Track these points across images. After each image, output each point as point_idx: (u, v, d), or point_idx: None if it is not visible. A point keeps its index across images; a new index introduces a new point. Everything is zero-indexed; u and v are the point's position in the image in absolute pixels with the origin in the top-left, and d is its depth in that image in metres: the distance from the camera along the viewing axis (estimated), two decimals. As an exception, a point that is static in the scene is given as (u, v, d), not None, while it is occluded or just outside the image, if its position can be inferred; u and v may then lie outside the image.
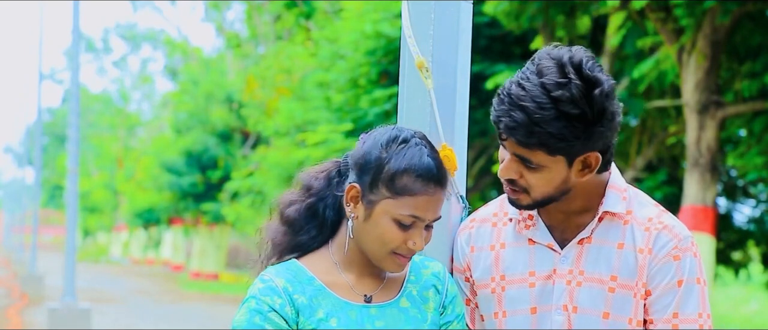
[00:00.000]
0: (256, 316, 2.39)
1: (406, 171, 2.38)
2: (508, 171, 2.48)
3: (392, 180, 2.39)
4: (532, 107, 2.36)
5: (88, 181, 50.41)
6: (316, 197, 2.49)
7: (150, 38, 57.56)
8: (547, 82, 2.37)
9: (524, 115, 2.37)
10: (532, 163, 2.44)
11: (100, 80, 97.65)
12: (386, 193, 2.39)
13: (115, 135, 50.56)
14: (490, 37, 13.05)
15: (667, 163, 13.85)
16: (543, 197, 2.49)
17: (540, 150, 2.40)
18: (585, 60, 2.40)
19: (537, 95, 2.37)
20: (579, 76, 2.38)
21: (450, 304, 2.54)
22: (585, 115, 2.37)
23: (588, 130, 2.39)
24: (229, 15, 35.43)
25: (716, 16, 9.84)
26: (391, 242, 2.40)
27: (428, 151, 2.42)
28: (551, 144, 2.39)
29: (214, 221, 32.07)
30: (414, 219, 2.39)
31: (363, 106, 13.33)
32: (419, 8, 2.68)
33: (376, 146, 2.42)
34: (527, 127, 2.37)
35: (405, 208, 2.38)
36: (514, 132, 2.39)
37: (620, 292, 2.51)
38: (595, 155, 2.46)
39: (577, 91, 2.36)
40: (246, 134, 30.56)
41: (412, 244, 2.40)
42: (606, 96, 2.39)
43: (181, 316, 20.29)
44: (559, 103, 2.36)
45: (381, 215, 2.40)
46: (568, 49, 2.44)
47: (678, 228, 2.53)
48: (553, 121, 2.36)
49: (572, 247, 2.55)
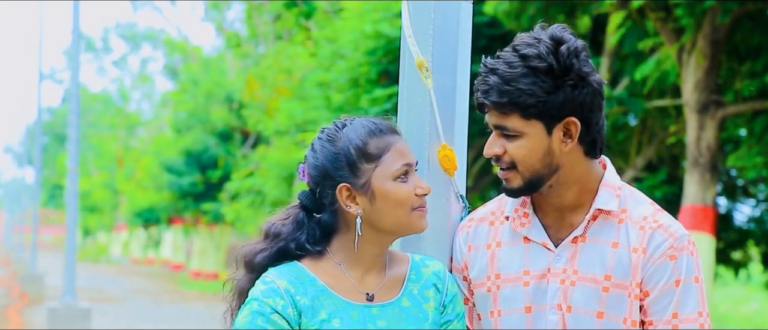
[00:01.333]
0: (258, 317, 2.40)
1: (369, 136, 2.46)
2: (491, 146, 2.52)
3: (365, 153, 2.45)
4: (503, 68, 2.47)
5: (88, 180, 50.41)
6: (287, 241, 2.50)
7: (150, 38, 57.59)
8: (518, 44, 2.50)
9: (496, 76, 2.47)
10: (509, 130, 2.48)
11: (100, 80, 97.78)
12: (369, 165, 2.44)
13: (115, 134, 50.56)
14: (490, 37, 13.05)
15: (667, 163, 13.84)
16: (531, 173, 2.50)
17: (514, 112, 2.46)
18: (558, 28, 2.50)
19: (507, 57, 2.49)
20: (549, 38, 2.48)
21: (450, 303, 2.54)
22: (551, 69, 2.45)
23: (557, 86, 2.45)
24: (229, 15, 35.45)
25: (716, 15, 9.84)
26: (406, 199, 2.44)
27: (362, 117, 2.52)
28: (522, 101, 2.44)
29: (214, 221, 32.07)
30: (406, 167, 2.45)
31: (363, 105, 13.33)
32: (419, 8, 2.69)
33: (326, 148, 2.47)
34: (499, 87, 2.46)
35: (393, 163, 2.45)
36: (488, 95, 2.48)
37: (614, 291, 2.50)
38: (573, 122, 2.47)
39: (544, 47, 2.46)
40: (246, 134, 30.56)
41: (419, 190, 2.46)
42: (573, 52, 2.47)
43: (181, 316, 20.29)
44: (527, 59, 2.45)
45: (381, 185, 2.44)
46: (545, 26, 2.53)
47: (674, 227, 2.52)
48: (522, 78, 2.45)
49: (566, 245, 2.55)
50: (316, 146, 2.49)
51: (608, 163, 2.60)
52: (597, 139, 2.52)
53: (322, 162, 2.46)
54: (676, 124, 12.41)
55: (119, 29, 60.17)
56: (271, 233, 2.51)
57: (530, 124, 2.47)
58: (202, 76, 32.20)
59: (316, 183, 2.48)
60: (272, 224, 2.53)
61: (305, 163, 2.51)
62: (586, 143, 2.51)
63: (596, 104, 2.50)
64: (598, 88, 2.50)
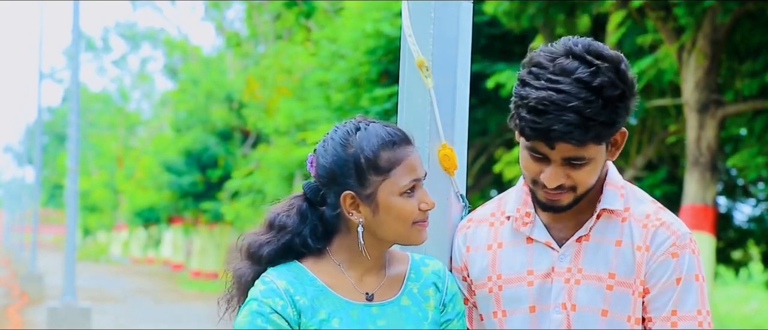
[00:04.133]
0: (258, 317, 2.39)
1: (381, 148, 2.41)
2: (557, 178, 2.45)
3: (375, 165, 2.41)
4: (581, 105, 2.36)
5: (88, 180, 50.41)
6: (292, 234, 2.48)
7: (150, 37, 57.58)
8: (582, 75, 2.38)
9: (576, 115, 2.36)
10: (584, 159, 2.43)
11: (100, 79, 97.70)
12: (378, 178, 2.41)
13: (115, 134, 50.57)
14: (490, 37, 13.05)
15: (667, 162, 13.84)
16: (586, 190, 2.49)
17: (592, 143, 2.41)
18: (587, 43, 2.44)
19: (579, 92, 2.37)
20: (600, 58, 2.40)
21: (450, 302, 2.54)
22: (624, 93, 2.41)
23: (628, 106, 2.43)
24: (229, 14, 35.43)
25: (716, 15, 9.84)
26: (410, 215, 2.42)
27: (378, 123, 2.45)
28: (602, 133, 2.40)
29: (214, 220, 32.07)
30: (414, 182, 2.42)
31: (363, 105, 13.33)
32: (419, 7, 2.68)
33: (337, 151, 2.43)
34: (582, 126, 2.37)
35: (402, 178, 2.41)
36: (569, 136, 2.37)
37: (618, 289, 2.50)
38: (621, 132, 2.48)
39: (609, 72, 2.39)
40: (246, 133, 30.56)
41: (423, 206, 2.44)
42: (628, 66, 2.44)
43: (181, 315, 20.29)
44: (602, 90, 2.37)
45: (387, 199, 2.41)
46: (562, 43, 2.45)
47: (676, 225, 2.52)
48: (602, 111, 2.37)
49: (570, 245, 2.54)
50: (328, 146, 2.45)
51: (610, 163, 2.60)
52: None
53: (331, 165, 2.44)
54: (677, 124, 12.41)
55: (119, 29, 60.18)
56: (275, 224, 2.48)
57: (600, 149, 2.45)
58: (202, 75, 32.20)
59: (323, 183, 2.46)
60: (277, 215, 2.50)
61: (315, 156, 2.48)
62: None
63: None
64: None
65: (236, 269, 2.49)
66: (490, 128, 13.97)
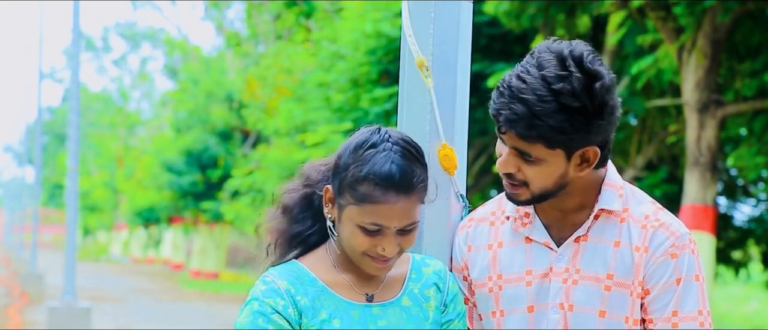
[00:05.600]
0: (259, 317, 2.39)
1: (366, 179, 2.35)
2: (507, 165, 2.47)
3: (353, 187, 2.37)
4: (532, 100, 2.36)
5: (88, 179, 50.38)
6: (312, 188, 2.49)
7: (150, 37, 57.57)
8: (548, 74, 2.37)
9: (525, 107, 2.36)
10: (531, 157, 2.43)
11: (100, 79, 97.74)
12: (350, 199, 2.38)
13: (115, 134, 50.55)
14: (490, 36, 13.05)
15: (667, 162, 13.85)
16: (541, 191, 2.48)
17: (539, 143, 2.40)
18: (586, 54, 2.41)
19: (538, 88, 2.36)
20: (580, 70, 2.37)
21: (451, 302, 2.54)
22: (585, 109, 2.37)
23: (588, 123, 2.38)
24: (229, 14, 35.43)
25: (716, 14, 9.83)
26: (359, 247, 2.39)
27: (396, 158, 2.36)
28: (551, 137, 2.38)
29: (214, 220, 32.07)
30: (377, 227, 2.36)
31: (363, 105, 13.33)
32: (419, 7, 2.68)
33: (347, 149, 2.42)
34: (528, 120, 2.36)
35: (367, 216, 2.36)
36: (514, 124, 2.38)
37: (616, 290, 2.50)
38: (593, 150, 2.45)
39: (578, 84, 2.36)
40: (246, 133, 30.55)
41: (381, 250, 2.38)
42: (607, 89, 2.39)
43: (181, 315, 20.29)
44: (560, 95, 2.35)
45: (347, 220, 2.39)
46: (569, 43, 2.44)
47: (675, 225, 2.51)
48: (554, 114, 2.35)
49: (568, 245, 2.54)
50: (349, 142, 2.44)
51: (609, 163, 2.60)
52: (608, 155, 2.52)
53: (340, 153, 2.44)
54: (677, 124, 12.42)
55: (119, 28, 60.16)
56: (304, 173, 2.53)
57: (553, 154, 2.42)
58: (202, 75, 32.19)
59: (334, 161, 2.47)
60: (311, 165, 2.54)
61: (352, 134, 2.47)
62: (598, 163, 2.50)
63: (615, 126, 2.47)
64: (619, 111, 2.46)
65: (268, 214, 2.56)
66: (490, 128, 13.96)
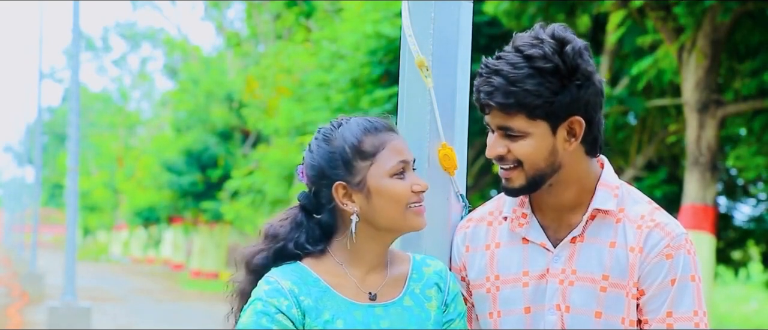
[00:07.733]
0: (262, 317, 2.40)
1: (364, 134, 2.46)
2: (495, 147, 2.50)
3: (360, 150, 2.44)
4: (507, 69, 2.45)
5: (88, 179, 50.40)
6: (284, 241, 2.50)
7: (150, 37, 57.59)
8: (520, 44, 2.47)
9: (500, 78, 2.45)
10: (514, 130, 2.46)
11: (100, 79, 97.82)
12: (365, 163, 2.44)
13: (115, 134, 50.56)
14: (490, 36, 13.04)
15: (667, 162, 13.85)
16: (535, 171, 2.49)
17: (520, 113, 2.45)
18: (557, 27, 2.49)
19: (511, 58, 2.46)
20: (551, 37, 2.46)
21: (452, 302, 2.55)
22: (558, 69, 2.43)
23: (564, 86, 2.44)
24: (229, 13, 35.43)
25: (716, 14, 9.83)
26: (402, 196, 2.44)
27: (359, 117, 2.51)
28: (529, 103, 2.43)
29: (214, 220, 32.07)
30: (402, 164, 2.45)
31: (364, 106, 13.32)
32: (419, 7, 2.69)
33: (322, 147, 2.48)
34: (504, 89, 2.44)
35: (389, 160, 2.44)
36: (492, 96, 2.45)
37: (612, 291, 2.50)
38: (578, 120, 2.47)
39: (550, 47, 2.44)
40: (246, 133, 30.56)
41: (416, 187, 2.45)
42: (578, 53, 2.46)
43: (182, 315, 20.29)
44: (532, 59, 2.43)
45: (377, 182, 2.44)
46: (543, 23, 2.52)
47: (671, 225, 2.51)
48: (528, 79, 2.43)
49: (565, 246, 2.54)
50: (313, 146, 2.50)
51: (606, 162, 2.60)
52: (598, 138, 2.53)
53: (318, 161, 2.47)
54: (676, 124, 12.41)
55: (119, 28, 60.19)
56: (269, 234, 2.52)
57: (535, 125, 2.46)
58: (202, 75, 32.20)
59: (313, 183, 2.48)
60: (270, 225, 2.54)
61: (303, 164, 2.52)
62: (587, 142, 2.51)
63: (598, 103, 2.51)
64: (600, 87, 2.51)
65: (236, 281, 2.55)
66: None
